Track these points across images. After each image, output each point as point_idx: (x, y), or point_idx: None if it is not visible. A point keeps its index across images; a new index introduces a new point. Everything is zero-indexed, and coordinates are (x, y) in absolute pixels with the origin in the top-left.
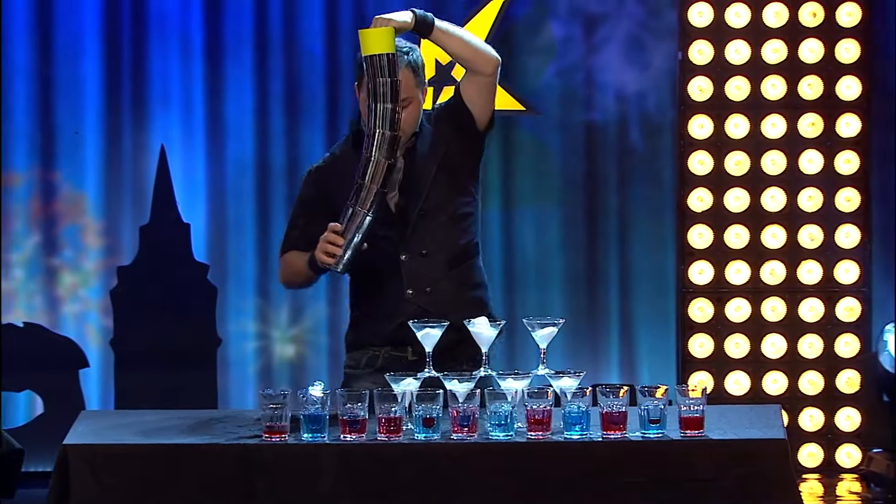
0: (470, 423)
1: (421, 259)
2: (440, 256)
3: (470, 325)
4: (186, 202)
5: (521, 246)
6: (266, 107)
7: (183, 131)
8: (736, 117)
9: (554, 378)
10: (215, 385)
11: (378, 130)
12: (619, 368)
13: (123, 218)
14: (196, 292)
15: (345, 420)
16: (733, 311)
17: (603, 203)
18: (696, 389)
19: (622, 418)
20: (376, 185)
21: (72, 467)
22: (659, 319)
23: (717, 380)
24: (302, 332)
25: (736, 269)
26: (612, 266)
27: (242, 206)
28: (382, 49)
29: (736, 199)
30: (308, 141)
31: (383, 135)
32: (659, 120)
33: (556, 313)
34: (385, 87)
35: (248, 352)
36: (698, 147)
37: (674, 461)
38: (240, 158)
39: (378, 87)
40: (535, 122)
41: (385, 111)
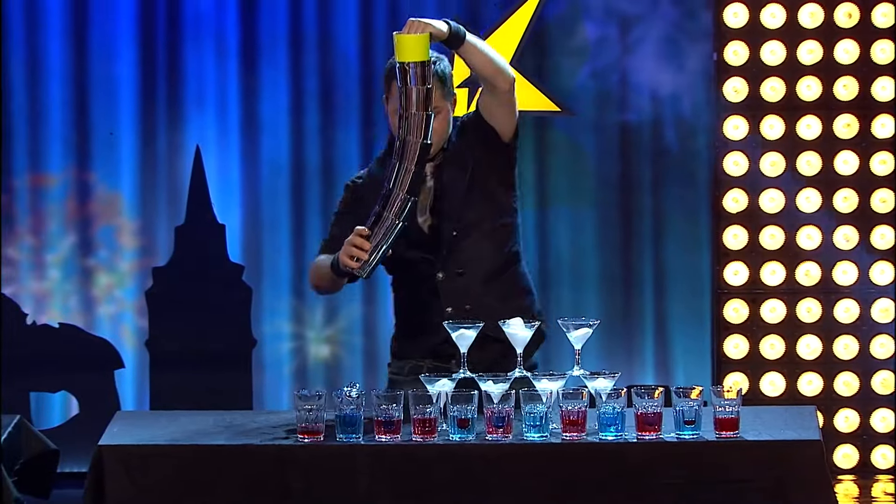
0: (505, 424)
1: (458, 278)
2: (478, 273)
3: (504, 326)
4: (221, 203)
5: (555, 246)
6: (301, 106)
7: (218, 131)
8: (771, 118)
9: (589, 379)
10: (250, 386)
11: (410, 137)
12: (653, 369)
13: (159, 218)
14: (231, 293)
15: (379, 421)
16: (768, 312)
17: (637, 204)
18: (731, 390)
19: (657, 419)
20: (404, 191)
21: (107, 468)
22: (694, 320)
23: (752, 381)
24: (337, 333)
25: (771, 270)
26: (647, 267)
27: (277, 206)
28: (418, 56)
29: (771, 199)
30: (343, 141)
31: (415, 142)
32: (694, 121)
33: (591, 314)
34: (419, 95)
35: (283, 353)
36: (733, 148)
37: (708, 462)
38: (275, 158)
39: (411, 93)
40: (569, 122)
41: (418, 118)
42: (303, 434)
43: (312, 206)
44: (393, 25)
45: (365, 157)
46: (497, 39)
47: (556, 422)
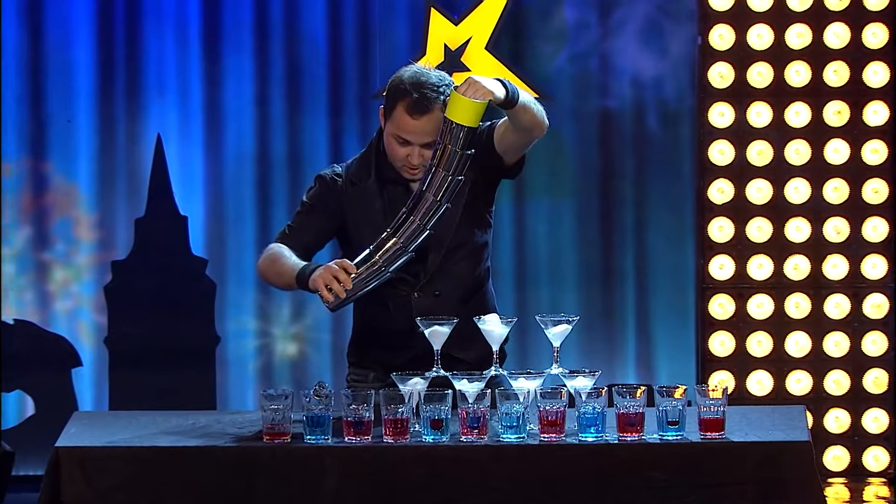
0: (480, 425)
1: (434, 298)
2: (454, 294)
3: (480, 323)
4: (183, 194)
5: (532, 240)
6: (266, 94)
7: (180, 120)
8: (758, 105)
9: (568, 378)
10: (214, 385)
11: (428, 194)
12: (635, 368)
13: (118, 210)
14: (193, 288)
15: (349, 422)
16: (755, 308)
17: (618, 195)
18: (716, 389)
19: (639, 420)
20: (403, 243)
21: (64, 471)
22: (677, 316)
23: (738, 379)
24: (304, 330)
25: (758, 264)
26: (629, 261)
27: (242, 197)
28: (470, 121)
29: (758, 190)
30: (311, 130)
31: (433, 201)
32: (677, 108)
33: (570, 310)
34: (455, 159)
35: (248, 350)
36: (718, 136)
37: (693, 465)
38: (239, 148)
39: (447, 154)
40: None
41: (444, 180)
42: (269, 435)
43: (278, 197)
44: (363, 9)
45: (333, 147)
46: (472, 22)
47: (534, 422)
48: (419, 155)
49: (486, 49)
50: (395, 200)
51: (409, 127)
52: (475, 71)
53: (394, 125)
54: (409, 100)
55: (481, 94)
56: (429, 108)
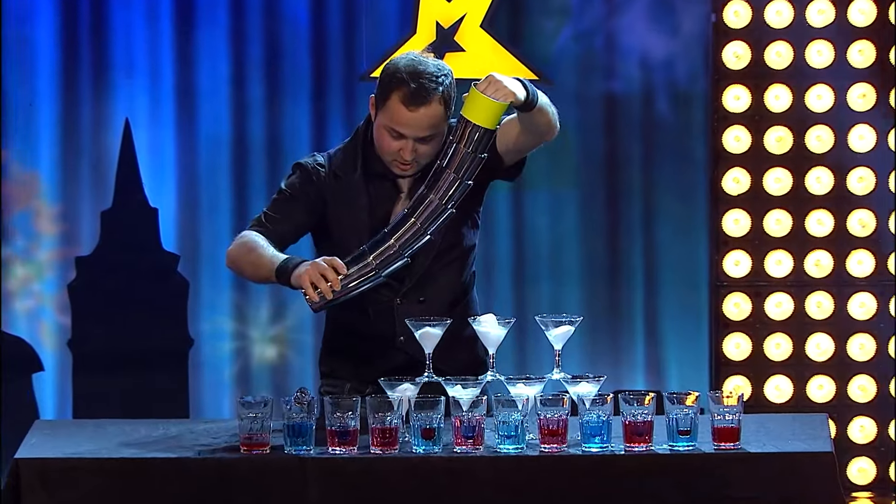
0: (475, 435)
1: (418, 305)
2: (440, 300)
3: (476, 324)
4: (154, 184)
5: (532, 234)
6: (243, 75)
7: (150, 102)
8: (776, 88)
9: (570, 383)
10: (186, 391)
11: (433, 196)
12: (644, 372)
13: (82, 202)
14: (165, 286)
15: (333, 431)
16: (773, 308)
17: (626, 185)
18: (731, 396)
19: (647, 429)
20: (401, 245)
21: (24, 484)
22: (689, 317)
23: (755, 385)
24: (285, 332)
25: (776, 260)
26: (636, 256)
27: (217, 188)
28: (487, 123)
29: (777, 180)
30: (291, 113)
31: (438, 204)
32: (689, 91)
33: (573, 310)
34: (468, 161)
35: (224, 353)
36: (734, 121)
37: (706, 478)
38: (214, 133)
39: (459, 155)
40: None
41: (451, 182)
42: (246, 446)
43: (256, 186)
44: None
45: (316, 132)
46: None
47: (534, 432)
48: (412, 150)
49: (482, 27)
50: (382, 197)
51: (404, 119)
52: (469, 51)
53: (387, 116)
54: (405, 90)
55: (502, 95)
56: (426, 100)
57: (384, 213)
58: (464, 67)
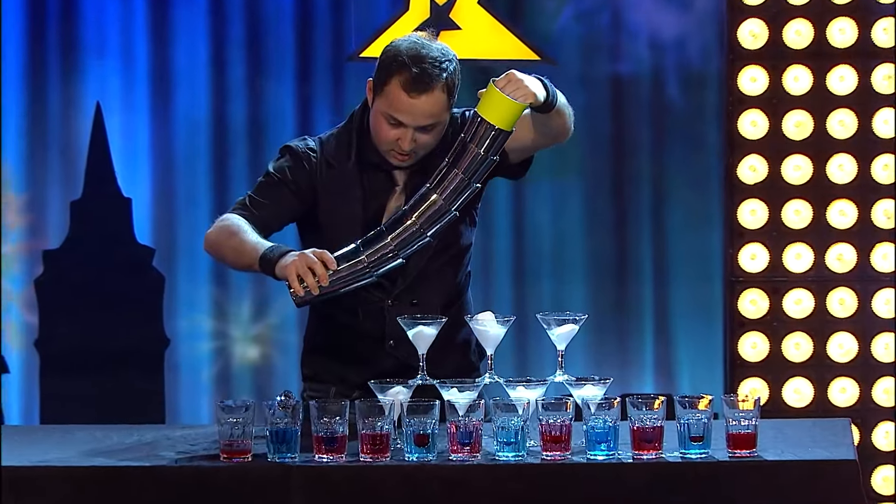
0: (472, 441)
1: (411, 307)
2: (434, 303)
3: (474, 323)
4: (127, 172)
5: (533, 226)
6: (223, 55)
7: (122, 85)
8: (796, 69)
9: (574, 386)
10: (162, 395)
11: (436, 196)
12: (653, 374)
13: (50, 191)
14: (139, 281)
15: (320, 437)
16: (792, 305)
17: (634, 173)
18: (747, 400)
19: (657, 435)
20: (396, 247)
21: None
22: (702, 315)
23: (772, 388)
24: (268, 331)
25: (796, 254)
26: (645, 250)
27: (195, 176)
28: (502, 124)
29: (796, 168)
30: (275, 96)
31: (441, 204)
32: (702, 72)
33: (577, 308)
34: (477, 161)
35: (203, 354)
36: (750, 105)
37: (720, 487)
38: (192, 118)
39: (469, 155)
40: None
41: (459, 183)
42: (227, 453)
43: (237, 175)
44: None
45: (302, 117)
46: None
47: (535, 438)
48: (411, 140)
49: (479, 4)
50: (377, 189)
51: (404, 106)
52: (465, 29)
53: (385, 103)
54: (406, 75)
55: (522, 95)
56: (429, 87)
57: (378, 206)
58: (460, 47)
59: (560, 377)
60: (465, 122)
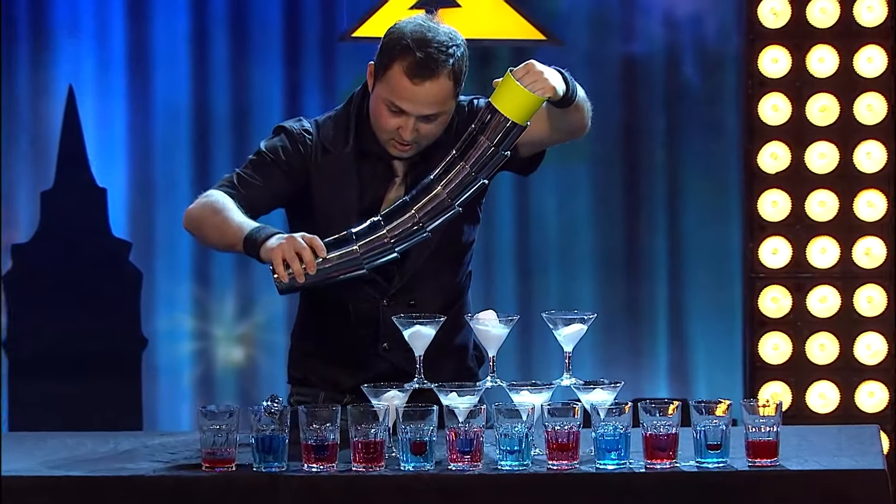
0: (472, 449)
1: (407, 308)
2: (432, 304)
3: (474, 323)
4: (102, 160)
5: (539, 217)
6: (205, 35)
7: (97, 67)
8: (820, 49)
9: (583, 390)
10: (140, 399)
11: (440, 189)
12: (667, 378)
13: (19, 181)
14: (114, 278)
15: (309, 445)
16: (817, 303)
17: (646, 161)
18: (768, 405)
19: (671, 443)
20: (393, 239)
21: None
22: (720, 314)
23: (795, 392)
24: (254, 330)
25: (821, 248)
26: (659, 244)
27: (175, 165)
28: (517, 117)
29: (821, 156)
30: (260, 80)
31: (444, 199)
32: (720, 52)
33: (586, 306)
34: (485, 156)
35: (183, 356)
36: (771, 88)
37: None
38: (172, 103)
39: (480, 149)
40: (557, 54)
41: (464, 177)
42: (209, 462)
43: (220, 163)
44: None
45: (290, 102)
46: None
47: (540, 446)
48: (413, 129)
49: None
50: (374, 179)
51: (407, 93)
52: (465, 7)
53: (387, 88)
54: (410, 59)
55: (541, 88)
56: (434, 73)
57: (376, 197)
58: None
59: (567, 381)
60: (473, 112)
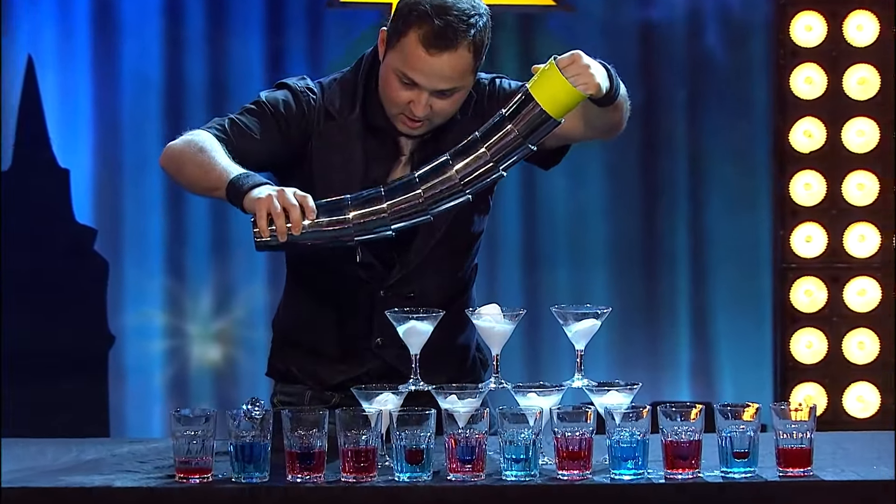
0: (474, 458)
1: (405, 301)
2: (434, 297)
3: (476, 318)
4: (64, 138)
5: (548, 205)
6: (179, 3)
7: (59, 35)
8: (859, 16)
9: (596, 393)
10: (106, 402)
11: (457, 178)
12: (689, 379)
13: None
14: (78, 268)
15: (294, 453)
16: (855, 297)
17: (666, 140)
18: (801, 409)
19: (694, 451)
20: (392, 215)
21: None
22: (748, 309)
23: (831, 396)
24: (232, 327)
25: (859, 236)
26: (680, 232)
27: (146, 144)
28: (553, 110)
29: (859, 133)
30: (240, 51)
31: (457, 185)
32: (748, 19)
33: (599, 300)
34: (510, 146)
35: (154, 354)
36: (805, 58)
37: None
38: (141, 74)
39: (504, 134)
40: (567, 21)
41: (485, 168)
42: (183, 472)
43: None
44: None
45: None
46: None
47: (549, 455)
48: (425, 104)
49: None
50: (379, 155)
51: (422, 64)
52: None
53: (399, 58)
54: (427, 27)
55: (584, 83)
56: (453, 43)
57: (380, 174)
58: None
59: (579, 382)
60: (495, 93)
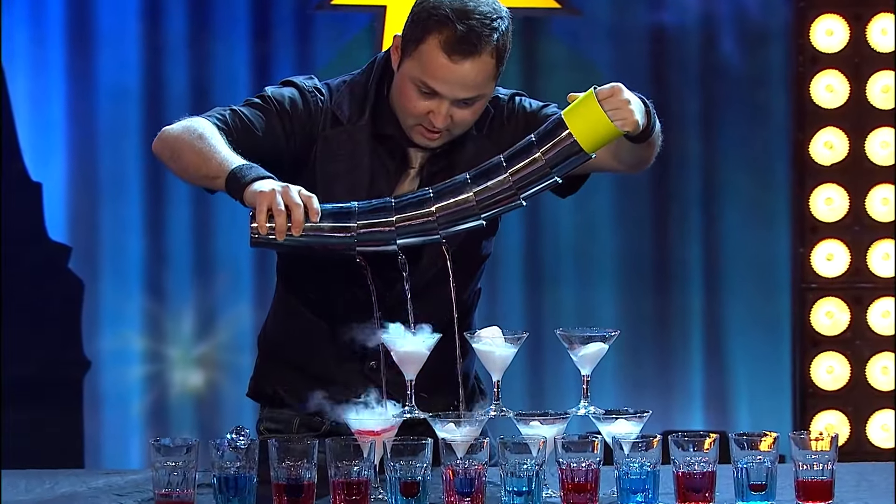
0: (473, 490)
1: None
2: (435, 319)
3: (475, 342)
4: (36, 150)
5: (552, 219)
6: (159, 6)
7: (31, 42)
8: (883, 19)
9: (603, 421)
10: (81, 431)
11: (474, 200)
12: (703, 406)
13: None
14: (51, 288)
15: (281, 485)
16: (879, 319)
17: (678, 152)
18: (822, 438)
19: (708, 483)
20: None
21: None
22: (765, 331)
23: (854, 424)
24: (215, 351)
25: (883, 254)
26: (693, 249)
27: (123, 155)
28: (587, 144)
29: (883, 144)
30: (224, 58)
31: (472, 208)
32: (765, 24)
33: (607, 321)
34: (535, 175)
35: (132, 380)
36: (826, 64)
37: None
38: (119, 83)
39: (532, 160)
40: (573, 25)
41: (506, 193)
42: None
43: None
44: None
45: (257, 81)
46: None
47: (553, 486)
48: (446, 115)
49: None
50: (387, 168)
51: (443, 72)
52: None
53: (418, 66)
54: (449, 33)
55: (622, 119)
56: (476, 50)
57: (386, 186)
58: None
59: (585, 410)
60: (514, 110)
